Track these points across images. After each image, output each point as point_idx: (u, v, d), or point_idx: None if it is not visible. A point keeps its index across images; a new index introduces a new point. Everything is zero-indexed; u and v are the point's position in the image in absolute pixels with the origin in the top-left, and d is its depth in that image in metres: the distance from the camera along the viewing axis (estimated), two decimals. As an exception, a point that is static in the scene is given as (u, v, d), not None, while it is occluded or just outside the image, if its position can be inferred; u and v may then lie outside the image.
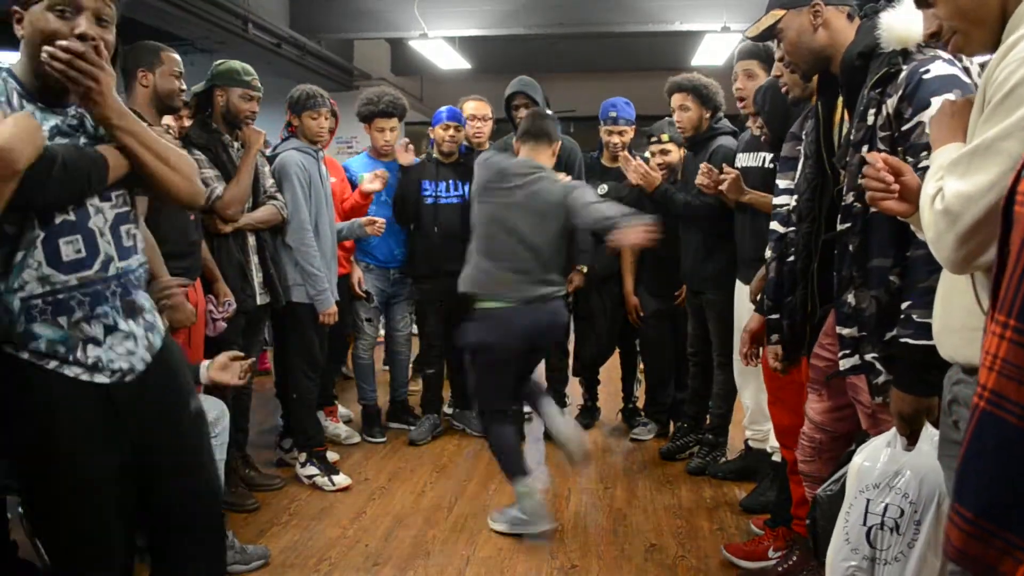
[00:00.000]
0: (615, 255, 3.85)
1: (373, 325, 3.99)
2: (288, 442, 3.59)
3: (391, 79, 8.41)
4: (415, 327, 4.21)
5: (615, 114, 3.85)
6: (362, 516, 3.07)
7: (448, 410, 4.22)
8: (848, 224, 1.78)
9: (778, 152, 2.56)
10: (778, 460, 2.88)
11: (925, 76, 1.62)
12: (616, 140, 3.90)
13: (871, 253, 1.73)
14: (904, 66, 1.67)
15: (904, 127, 1.64)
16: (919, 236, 1.50)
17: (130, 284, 1.62)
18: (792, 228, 2.16)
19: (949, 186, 1.17)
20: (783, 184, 2.43)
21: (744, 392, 3.23)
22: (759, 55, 2.96)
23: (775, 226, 2.34)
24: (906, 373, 1.61)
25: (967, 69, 1.67)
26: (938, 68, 1.63)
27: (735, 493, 3.24)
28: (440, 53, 7.11)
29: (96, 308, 1.55)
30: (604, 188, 3.88)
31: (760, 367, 2.60)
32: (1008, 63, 1.13)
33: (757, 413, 3.14)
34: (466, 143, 3.95)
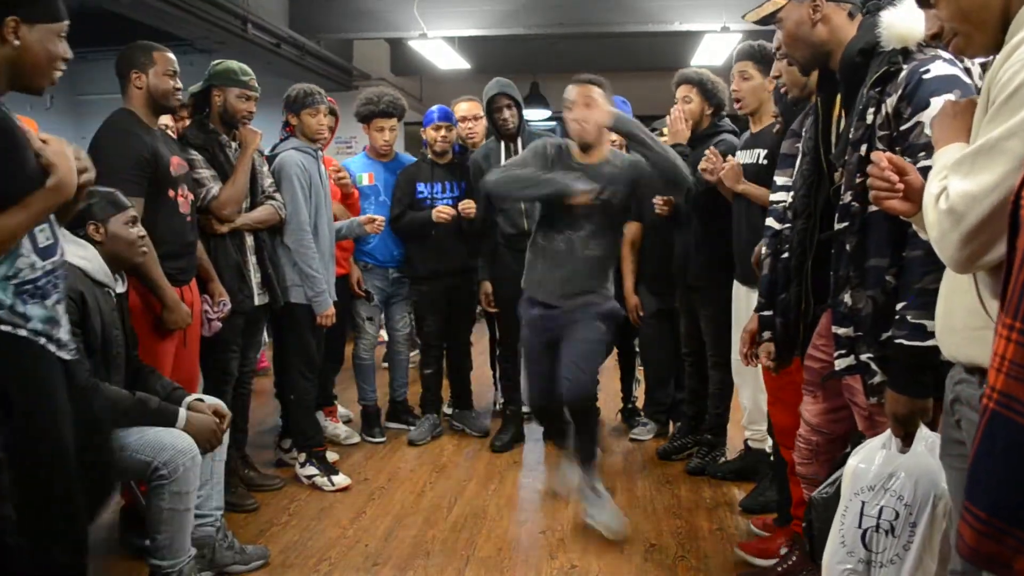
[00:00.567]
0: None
1: (374, 324, 3.98)
2: (287, 442, 3.59)
3: (391, 79, 8.40)
4: (414, 327, 4.21)
5: None
6: (362, 516, 3.07)
7: (447, 410, 4.22)
8: (846, 223, 1.77)
9: (778, 148, 2.56)
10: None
11: (925, 76, 1.62)
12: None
13: (868, 253, 1.72)
14: (904, 65, 1.67)
15: (903, 127, 1.64)
16: (921, 236, 1.50)
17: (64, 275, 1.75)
18: (788, 225, 2.16)
19: (953, 186, 1.17)
20: (780, 181, 2.43)
21: (742, 392, 3.23)
22: (754, 56, 2.96)
23: (771, 222, 2.33)
24: (901, 374, 1.61)
25: (968, 70, 1.67)
26: (938, 68, 1.62)
27: (734, 493, 3.24)
28: (440, 53, 7.10)
29: (59, 292, 1.69)
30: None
31: (759, 367, 2.60)
32: (1012, 64, 1.13)
33: (755, 413, 3.14)
34: (459, 143, 3.94)
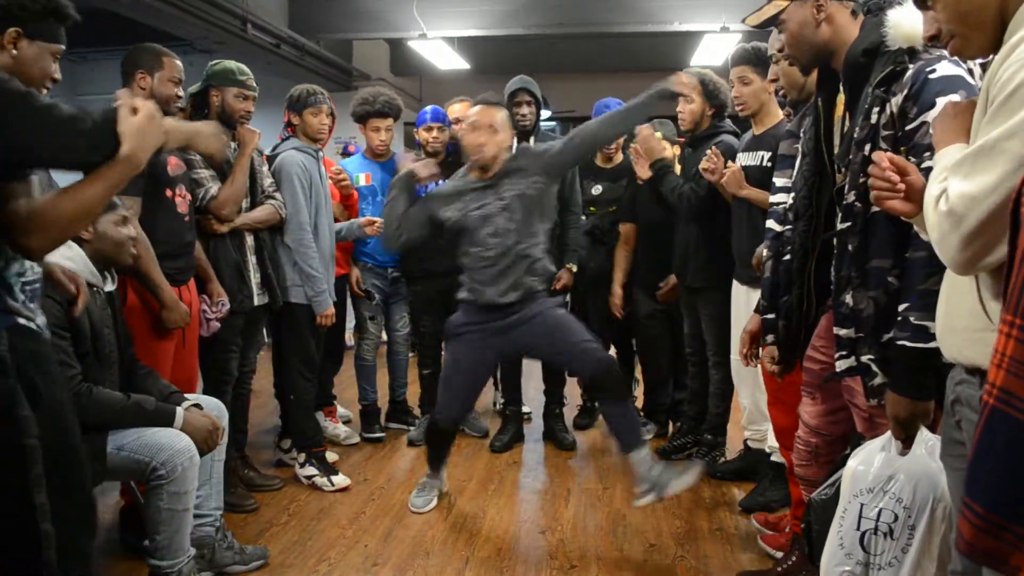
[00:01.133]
0: (608, 256, 3.85)
1: (376, 324, 3.98)
2: (287, 442, 3.59)
3: (390, 79, 8.40)
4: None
5: None
6: (361, 516, 3.07)
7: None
8: (848, 223, 1.76)
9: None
10: (778, 460, 2.88)
11: (931, 76, 1.61)
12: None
13: (870, 253, 1.71)
14: (910, 65, 1.66)
15: (908, 126, 1.63)
16: (923, 237, 1.49)
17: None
18: (789, 227, 2.15)
19: (953, 187, 1.17)
20: (780, 182, 2.42)
21: (741, 392, 3.23)
22: (751, 60, 2.96)
23: (772, 224, 2.33)
24: (902, 376, 1.61)
25: (971, 71, 1.66)
26: (944, 68, 1.61)
27: (734, 493, 3.24)
28: (439, 53, 7.10)
29: (38, 298, 1.75)
30: (599, 189, 3.88)
31: (759, 367, 2.60)
32: (1010, 64, 1.12)
33: (755, 413, 3.14)
34: (453, 143, 3.94)
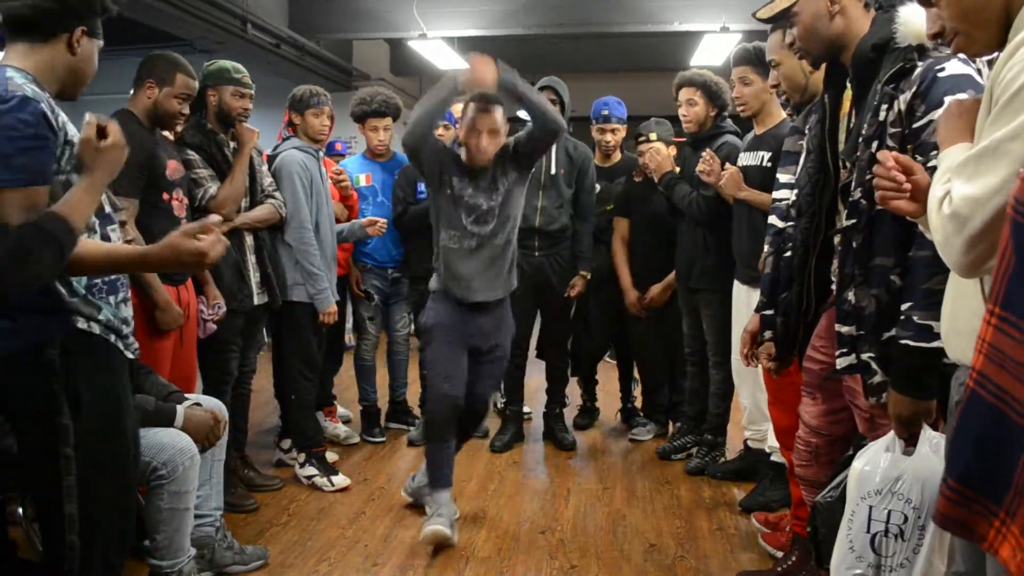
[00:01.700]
0: (608, 255, 3.86)
1: (375, 324, 3.98)
2: (287, 442, 3.58)
3: (390, 79, 8.40)
4: (413, 327, 4.21)
5: (607, 112, 3.85)
6: (361, 516, 3.07)
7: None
8: (853, 220, 1.75)
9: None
10: (778, 460, 2.88)
11: (940, 74, 1.60)
12: (609, 138, 3.89)
13: (874, 251, 1.71)
14: (919, 62, 1.65)
15: (915, 124, 1.62)
16: (928, 237, 1.49)
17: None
18: (791, 223, 2.15)
19: (956, 189, 1.16)
20: (783, 178, 2.41)
21: (741, 392, 3.23)
22: (752, 60, 2.96)
23: (773, 220, 2.33)
24: (905, 375, 1.60)
25: (980, 71, 1.65)
26: (954, 67, 1.61)
27: (734, 493, 3.24)
28: (439, 53, 7.10)
29: (125, 290, 1.79)
30: (597, 187, 3.88)
31: (759, 367, 2.60)
32: (1015, 63, 1.11)
33: (755, 413, 3.14)
34: (457, 142, 3.94)
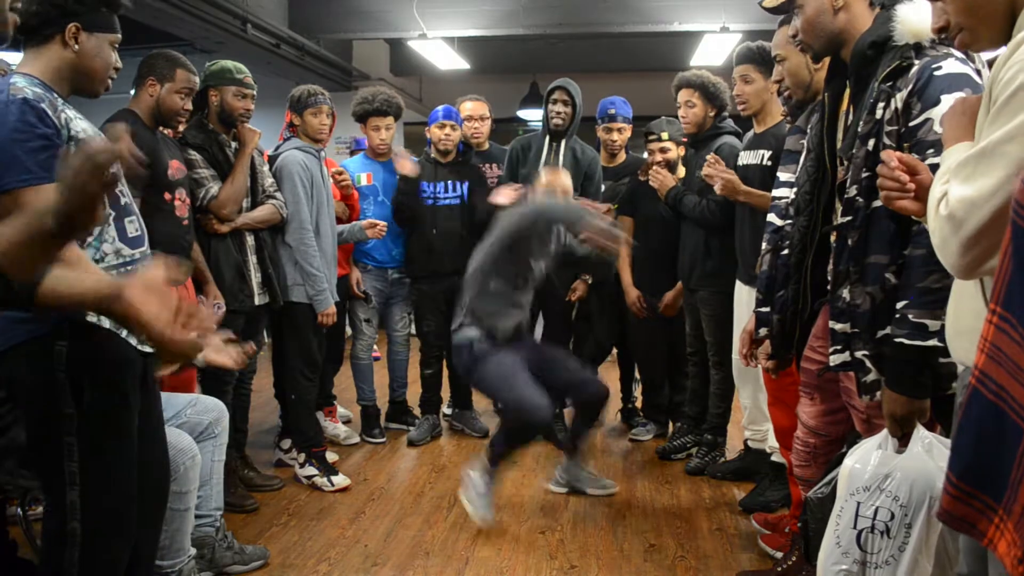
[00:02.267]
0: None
1: (372, 326, 3.99)
2: (287, 442, 3.59)
3: (390, 79, 8.39)
4: (413, 327, 4.21)
5: (613, 111, 3.85)
6: (361, 516, 3.07)
7: (447, 411, 4.22)
8: (849, 218, 1.76)
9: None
10: (778, 460, 2.88)
11: (936, 73, 1.61)
12: (615, 138, 3.90)
13: (869, 249, 1.71)
14: (916, 61, 1.65)
15: (912, 122, 1.63)
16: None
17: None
18: (789, 221, 2.15)
19: (953, 191, 1.16)
20: (783, 177, 2.42)
21: (742, 392, 3.23)
22: (755, 59, 2.96)
23: (772, 218, 2.33)
24: (899, 373, 1.61)
25: (979, 71, 1.65)
26: (950, 66, 1.61)
27: (734, 493, 3.24)
28: (439, 53, 7.09)
29: None
30: (601, 187, 3.88)
31: (760, 368, 2.60)
32: (1013, 63, 1.11)
33: (756, 413, 3.14)
34: (463, 143, 3.95)
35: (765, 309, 2.22)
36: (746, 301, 2.95)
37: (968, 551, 1.31)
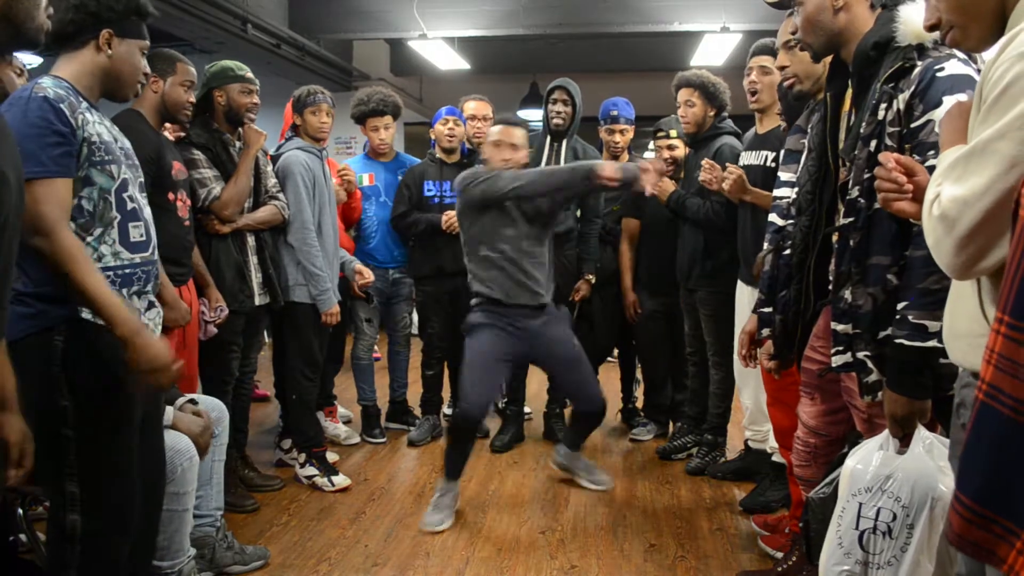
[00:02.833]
0: (614, 256, 3.86)
1: (372, 326, 3.99)
2: (287, 443, 3.59)
3: (390, 79, 8.40)
4: (414, 327, 4.21)
5: (616, 112, 3.85)
6: (362, 516, 3.07)
7: (448, 411, 4.22)
8: (851, 219, 1.75)
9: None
10: (778, 461, 2.88)
11: (939, 74, 1.60)
12: (617, 139, 3.89)
13: (871, 250, 1.71)
14: (919, 62, 1.65)
15: (913, 124, 1.63)
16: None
17: (156, 271, 1.93)
18: (791, 221, 2.14)
19: (945, 191, 1.15)
20: (785, 176, 2.41)
21: (743, 392, 3.23)
22: (774, 52, 2.94)
23: (774, 218, 2.33)
24: (900, 374, 1.61)
25: (980, 71, 1.65)
26: (953, 67, 1.61)
27: (734, 493, 3.24)
28: (439, 53, 7.10)
29: (146, 285, 1.87)
30: None
31: (760, 368, 2.60)
32: (1002, 61, 1.10)
33: (756, 413, 3.14)
34: (468, 144, 3.95)
35: (767, 309, 2.22)
36: (748, 301, 2.94)
37: None
